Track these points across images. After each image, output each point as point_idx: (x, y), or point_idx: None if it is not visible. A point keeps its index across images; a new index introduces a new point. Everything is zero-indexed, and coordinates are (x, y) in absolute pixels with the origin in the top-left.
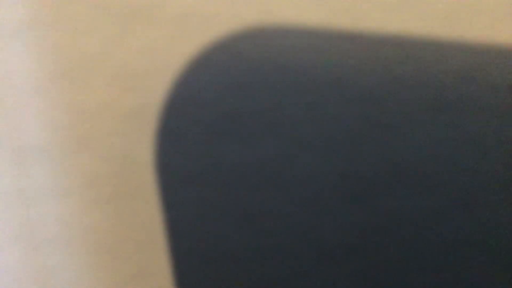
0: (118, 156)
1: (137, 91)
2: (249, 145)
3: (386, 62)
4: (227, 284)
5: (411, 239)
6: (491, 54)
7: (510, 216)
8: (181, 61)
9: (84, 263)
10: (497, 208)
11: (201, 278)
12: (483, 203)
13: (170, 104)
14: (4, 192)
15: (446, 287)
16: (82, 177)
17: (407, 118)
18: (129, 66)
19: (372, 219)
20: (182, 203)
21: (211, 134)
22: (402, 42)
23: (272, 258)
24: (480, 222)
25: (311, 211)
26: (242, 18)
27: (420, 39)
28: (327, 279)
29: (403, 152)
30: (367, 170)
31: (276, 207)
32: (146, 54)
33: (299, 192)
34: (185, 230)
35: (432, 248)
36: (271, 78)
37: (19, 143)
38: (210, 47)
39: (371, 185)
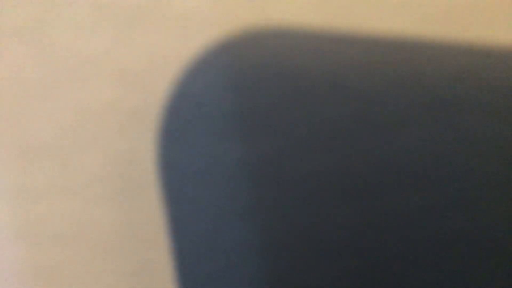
0: (121, 154)
1: (140, 91)
2: (249, 144)
3: (383, 64)
4: (228, 280)
5: (407, 238)
6: (488, 55)
7: (504, 215)
8: (182, 61)
9: (87, 260)
10: (491, 207)
11: (202, 274)
12: (478, 201)
13: (172, 104)
14: (9, 189)
15: (442, 285)
16: (86, 175)
17: (404, 119)
18: (131, 66)
19: (369, 217)
20: (183, 200)
21: (212, 133)
22: (399, 43)
23: (271, 254)
24: (474, 220)
25: (309, 209)
26: (243, 20)
27: (417, 41)
28: (325, 276)
29: (400, 152)
30: (364, 169)
31: (275, 205)
32: (148, 55)
33: (298, 190)
34: (187, 227)
35: (428, 247)
36: (270, 79)
37: (23, 142)
38: (211, 48)
39: (369, 184)
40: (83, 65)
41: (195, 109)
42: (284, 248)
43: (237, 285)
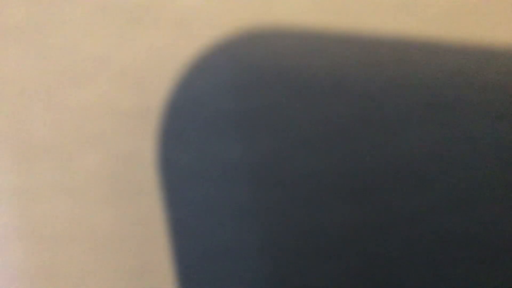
0: (121, 154)
1: (140, 92)
2: (249, 144)
3: (383, 64)
4: (228, 280)
5: (407, 238)
6: (487, 55)
7: (505, 215)
8: (182, 62)
9: (87, 260)
10: (491, 207)
11: (202, 274)
12: (478, 201)
13: (172, 104)
14: (9, 190)
15: (442, 285)
16: (86, 175)
17: (403, 118)
18: (131, 67)
19: (369, 217)
20: (184, 200)
21: (212, 133)
22: (399, 43)
23: (271, 254)
24: (474, 220)
25: (309, 209)
26: (242, 20)
27: (417, 41)
28: (325, 276)
29: (399, 151)
30: (364, 168)
31: (275, 205)
32: (148, 55)
33: (297, 190)
34: (187, 227)
35: (428, 247)
36: (270, 78)
37: (24, 142)
38: (211, 48)
39: (368, 183)
40: (83, 65)
41: (195, 109)
42: (284, 248)
43: (237, 285)
